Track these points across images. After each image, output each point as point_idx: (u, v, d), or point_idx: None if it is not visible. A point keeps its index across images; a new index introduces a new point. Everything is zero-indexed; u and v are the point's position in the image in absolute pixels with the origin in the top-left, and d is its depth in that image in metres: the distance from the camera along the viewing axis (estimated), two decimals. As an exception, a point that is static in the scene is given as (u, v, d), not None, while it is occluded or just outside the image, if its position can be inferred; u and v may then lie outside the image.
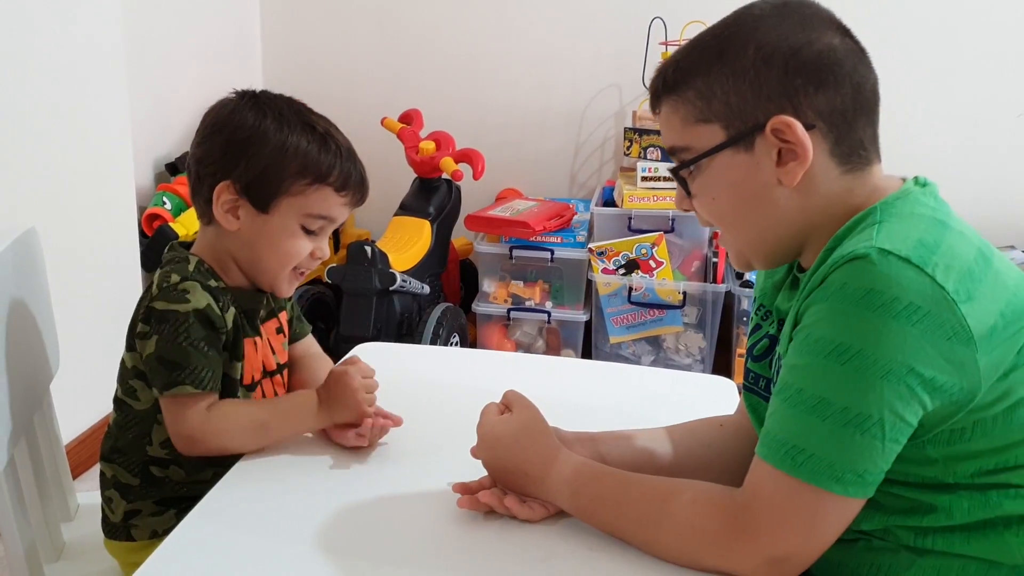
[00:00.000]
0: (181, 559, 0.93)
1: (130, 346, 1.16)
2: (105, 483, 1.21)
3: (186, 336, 1.08)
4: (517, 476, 0.97)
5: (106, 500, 1.21)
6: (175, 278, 1.10)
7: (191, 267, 1.13)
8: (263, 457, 1.12)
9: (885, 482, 0.81)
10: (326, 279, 2.64)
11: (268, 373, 1.21)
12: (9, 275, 1.18)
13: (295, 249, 1.14)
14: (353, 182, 1.16)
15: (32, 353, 1.26)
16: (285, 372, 1.26)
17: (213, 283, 1.13)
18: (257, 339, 1.18)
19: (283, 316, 1.26)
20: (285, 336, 1.26)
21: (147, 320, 1.11)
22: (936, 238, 0.81)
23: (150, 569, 0.90)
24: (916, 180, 0.90)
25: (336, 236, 3.14)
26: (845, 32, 0.89)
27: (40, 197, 2.02)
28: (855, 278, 0.78)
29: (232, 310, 1.14)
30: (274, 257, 1.15)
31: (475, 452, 1.01)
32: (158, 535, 1.18)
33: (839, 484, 0.79)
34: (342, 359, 1.15)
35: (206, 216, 1.16)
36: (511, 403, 1.01)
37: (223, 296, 1.13)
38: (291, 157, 1.11)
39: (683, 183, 0.93)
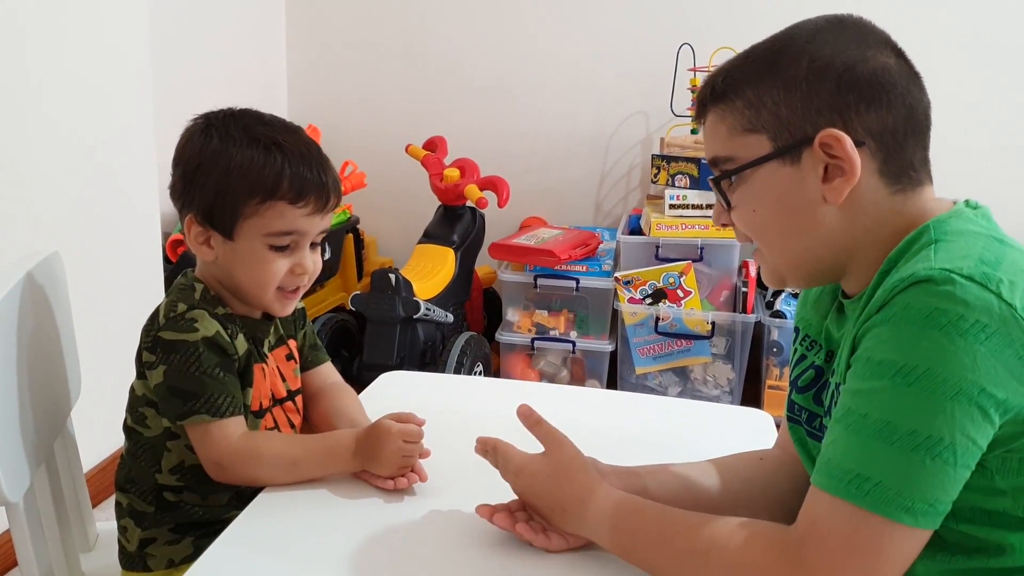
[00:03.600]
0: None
1: (140, 374, 1.14)
2: (120, 512, 1.19)
3: (198, 365, 1.06)
4: (555, 512, 0.94)
5: (121, 529, 1.19)
6: (182, 307, 1.09)
7: (197, 295, 1.11)
8: (287, 487, 1.09)
9: (950, 517, 0.77)
10: (350, 307, 2.62)
11: (277, 401, 1.19)
12: (31, 299, 1.16)
13: (269, 272, 1.10)
14: (310, 189, 1.08)
15: (53, 379, 1.24)
16: (298, 399, 1.23)
17: (220, 310, 1.11)
18: (264, 366, 1.16)
19: (292, 343, 1.24)
20: (296, 363, 1.24)
21: (154, 349, 1.08)
22: (996, 255, 0.78)
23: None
24: (967, 203, 0.88)
25: (360, 263, 3.12)
26: (900, 54, 0.87)
27: (64, 221, 2.02)
28: (918, 299, 0.74)
29: (241, 336, 1.12)
30: (252, 282, 1.11)
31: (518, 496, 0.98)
32: (175, 565, 1.16)
33: (909, 514, 0.74)
34: (396, 413, 1.12)
35: (190, 247, 1.14)
36: (544, 442, 0.98)
37: (231, 323, 1.11)
38: (236, 177, 1.07)
39: (723, 195, 0.90)
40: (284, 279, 1.11)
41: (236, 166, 1.07)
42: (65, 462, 1.27)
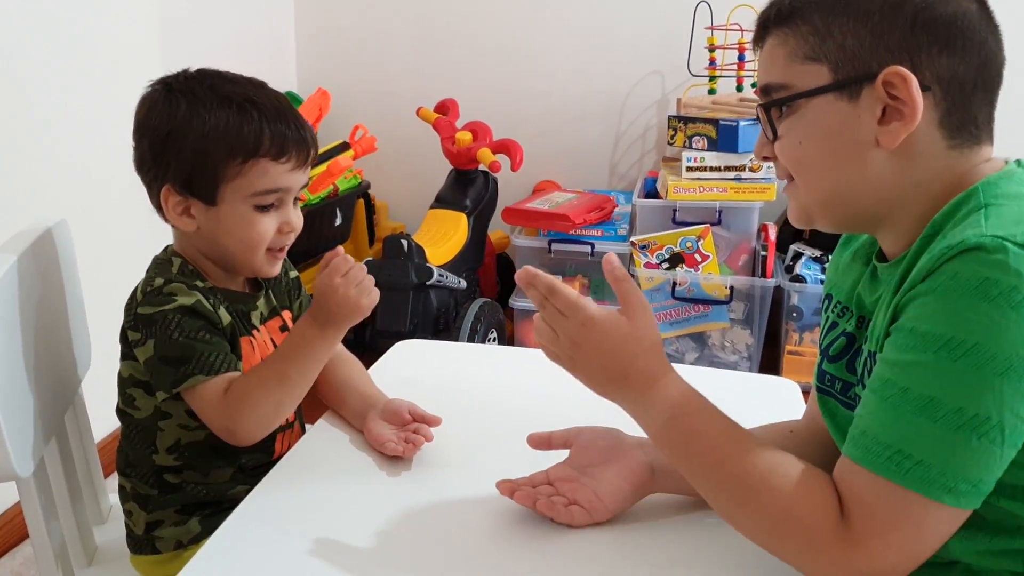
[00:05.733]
0: (214, 572, 0.88)
1: (125, 355, 1.11)
2: (124, 496, 1.17)
3: (180, 330, 1.03)
4: (615, 379, 0.85)
5: (127, 513, 1.17)
6: (159, 281, 1.06)
7: (175, 269, 1.09)
8: (297, 464, 1.07)
9: (991, 493, 0.73)
10: (362, 273, 2.59)
11: None
12: (38, 269, 1.13)
13: (257, 233, 1.07)
14: (290, 144, 1.05)
15: (62, 350, 1.21)
16: None
17: (200, 283, 1.08)
18: (252, 339, 1.13)
19: (287, 315, 1.21)
20: None
21: (136, 327, 1.06)
22: None
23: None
24: (1019, 163, 0.83)
25: (371, 229, 3.09)
26: (983, 2, 0.82)
27: (72, 189, 1.99)
28: (968, 268, 0.70)
29: (223, 309, 1.09)
30: (240, 246, 1.08)
31: (554, 344, 0.86)
32: (183, 546, 1.13)
33: (951, 495, 0.71)
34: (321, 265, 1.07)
35: (168, 220, 1.10)
36: (627, 301, 0.86)
37: (212, 296, 1.08)
38: (214, 140, 1.03)
39: (771, 124, 0.85)
40: (273, 239, 1.09)
41: (211, 128, 1.03)
42: (76, 434, 1.25)
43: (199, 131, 1.04)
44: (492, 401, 1.22)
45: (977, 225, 0.73)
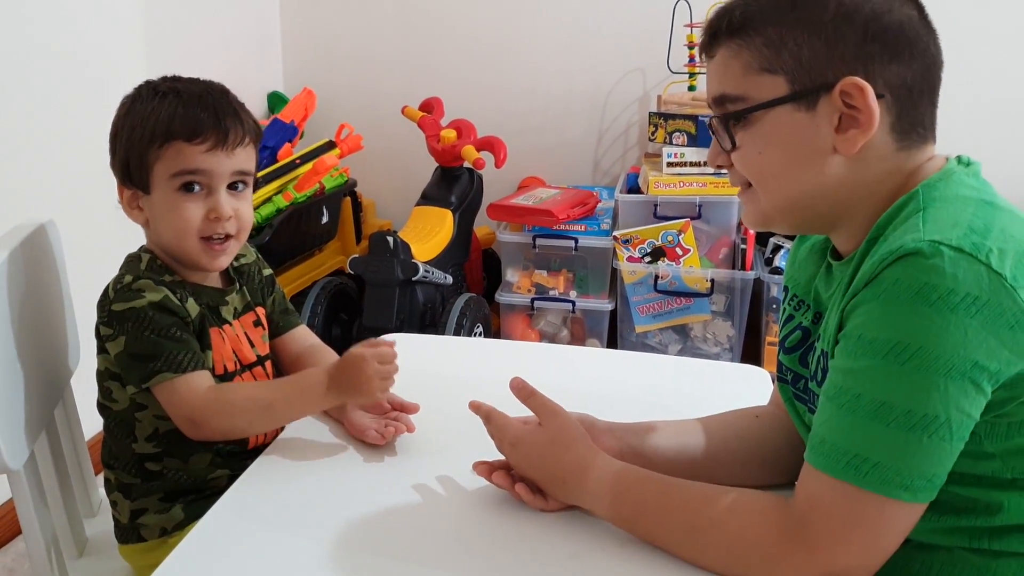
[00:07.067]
0: (200, 558, 0.91)
1: (100, 350, 1.15)
2: (109, 488, 1.21)
3: (152, 328, 1.07)
4: (554, 483, 0.94)
5: (112, 504, 1.21)
6: (128, 278, 1.10)
7: (143, 265, 1.13)
8: (280, 453, 1.09)
9: None
10: (348, 270, 2.62)
11: (245, 366, 1.19)
12: (26, 268, 1.16)
13: (181, 217, 1.10)
14: (204, 126, 1.09)
15: (50, 347, 1.24)
16: (267, 364, 1.23)
17: (168, 278, 1.12)
18: (222, 330, 1.16)
19: (261, 311, 1.24)
20: (264, 329, 1.24)
21: (109, 323, 1.10)
22: (986, 221, 0.77)
23: (169, 570, 0.88)
24: (959, 159, 0.86)
25: (358, 226, 3.11)
26: (921, 8, 0.85)
27: (59, 190, 2.00)
28: (907, 274, 0.74)
29: (191, 300, 1.12)
30: (170, 232, 1.12)
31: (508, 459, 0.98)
32: (168, 533, 1.16)
33: (908, 491, 0.75)
34: (366, 341, 1.11)
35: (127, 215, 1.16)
36: (538, 413, 0.97)
37: (180, 288, 1.12)
38: (139, 129, 1.10)
39: (727, 134, 0.87)
40: (203, 227, 1.11)
41: (139, 119, 1.10)
42: (66, 429, 1.28)
43: (131, 124, 1.11)
44: (477, 392, 1.24)
45: (915, 229, 0.76)
